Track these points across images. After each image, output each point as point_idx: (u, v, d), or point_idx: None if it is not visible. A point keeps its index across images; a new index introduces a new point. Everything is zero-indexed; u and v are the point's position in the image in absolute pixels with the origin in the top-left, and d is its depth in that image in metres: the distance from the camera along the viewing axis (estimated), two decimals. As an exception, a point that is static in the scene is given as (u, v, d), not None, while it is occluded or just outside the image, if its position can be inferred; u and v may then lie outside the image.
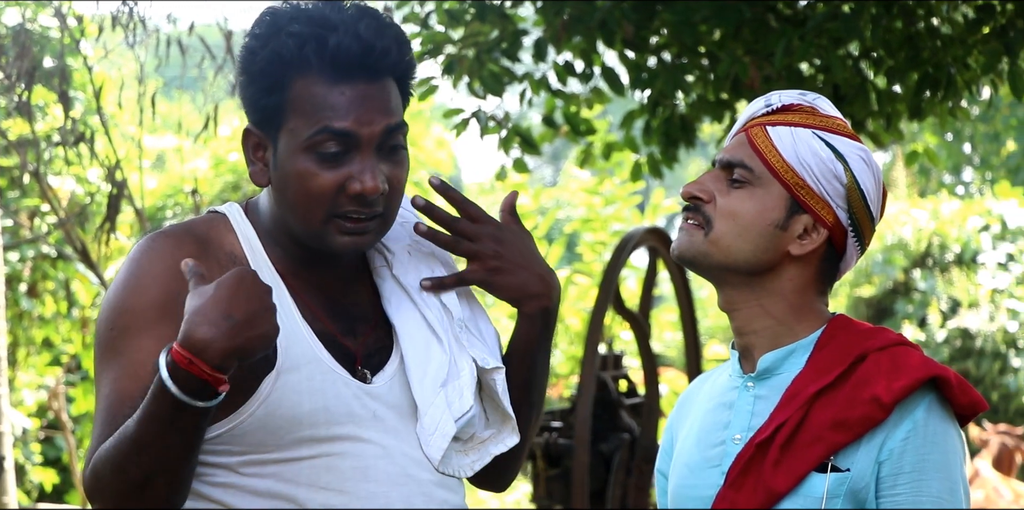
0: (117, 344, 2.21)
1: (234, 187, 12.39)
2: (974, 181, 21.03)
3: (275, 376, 2.21)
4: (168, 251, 2.24)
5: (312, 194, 2.24)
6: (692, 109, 6.22)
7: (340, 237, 2.26)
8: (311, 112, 2.24)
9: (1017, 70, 5.40)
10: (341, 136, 2.23)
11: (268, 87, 2.26)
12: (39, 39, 7.83)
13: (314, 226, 2.26)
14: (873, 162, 2.36)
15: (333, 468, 2.23)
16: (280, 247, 2.33)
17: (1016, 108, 18.72)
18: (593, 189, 12.67)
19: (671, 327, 14.24)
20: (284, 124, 2.26)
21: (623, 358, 7.39)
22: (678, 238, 2.38)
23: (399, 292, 2.39)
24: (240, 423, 2.20)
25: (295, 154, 2.24)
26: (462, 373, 2.35)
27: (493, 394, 2.39)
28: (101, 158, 6.97)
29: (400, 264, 2.41)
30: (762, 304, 2.36)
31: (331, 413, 2.23)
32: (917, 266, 14.53)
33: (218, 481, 2.24)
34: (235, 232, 2.32)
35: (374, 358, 2.33)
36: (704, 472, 2.36)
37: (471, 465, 2.38)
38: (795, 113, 2.38)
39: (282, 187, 2.27)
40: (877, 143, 6.19)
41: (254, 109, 2.30)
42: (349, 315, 2.34)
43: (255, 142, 2.31)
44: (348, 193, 2.24)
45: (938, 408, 2.26)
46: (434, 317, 2.37)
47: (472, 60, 5.91)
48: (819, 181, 2.32)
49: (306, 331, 2.26)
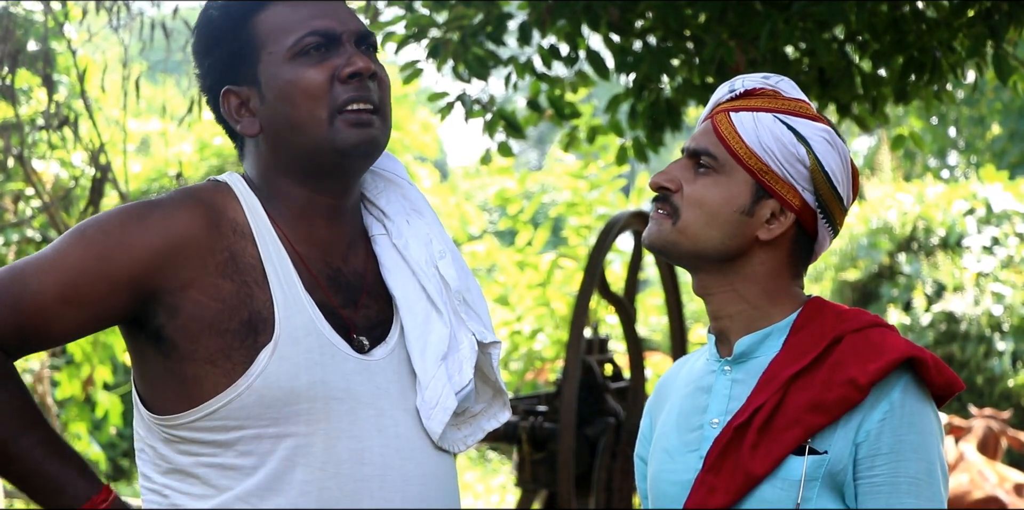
0: (79, 249, 2.21)
1: (219, 171, 12.38)
2: (959, 165, 21.06)
3: (272, 348, 2.21)
4: (171, 211, 2.24)
5: (310, 92, 2.28)
6: (677, 93, 6.21)
7: (349, 131, 2.28)
8: (286, 27, 2.30)
9: (1002, 54, 5.40)
10: (323, 34, 2.29)
11: (232, 33, 2.31)
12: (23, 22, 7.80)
13: (322, 129, 2.28)
14: (838, 143, 2.36)
15: (331, 449, 2.23)
16: (281, 203, 2.33)
17: (1001, 92, 18.74)
18: (578, 173, 12.67)
19: (656, 311, 14.27)
20: (260, 55, 2.31)
21: (608, 342, 7.39)
22: (648, 228, 2.39)
23: (399, 262, 2.40)
24: (238, 395, 2.20)
25: (280, 69, 2.29)
26: (461, 346, 2.37)
27: (487, 368, 2.40)
28: (85, 142, 6.95)
29: (399, 233, 2.42)
30: (736, 289, 2.37)
31: (329, 387, 2.24)
32: (902, 250, 14.55)
33: (215, 462, 2.23)
34: (238, 200, 2.32)
35: (376, 330, 2.33)
36: (683, 456, 2.37)
37: (464, 440, 2.41)
38: (758, 98, 2.39)
39: (278, 108, 2.30)
40: (863, 127, 6.19)
41: (225, 64, 2.34)
42: (349, 285, 2.34)
43: (236, 101, 2.34)
44: (341, 78, 2.28)
45: (914, 389, 2.27)
46: (433, 288, 2.38)
47: (457, 44, 5.90)
48: (782, 165, 2.33)
49: (307, 301, 2.26)
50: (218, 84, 2.35)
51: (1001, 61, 5.39)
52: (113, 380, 9.30)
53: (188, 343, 2.20)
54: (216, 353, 2.19)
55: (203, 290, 2.20)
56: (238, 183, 2.35)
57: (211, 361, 2.20)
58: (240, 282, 2.23)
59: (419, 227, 2.43)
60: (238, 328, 2.20)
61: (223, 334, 2.19)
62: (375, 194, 2.45)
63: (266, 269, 2.25)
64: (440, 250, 2.42)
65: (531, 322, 12.58)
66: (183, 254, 2.20)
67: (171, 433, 2.25)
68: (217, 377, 2.19)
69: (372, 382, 2.28)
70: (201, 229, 2.23)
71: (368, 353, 2.30)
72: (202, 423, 2.21)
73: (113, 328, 2.35)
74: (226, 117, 2.35)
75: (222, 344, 2.19)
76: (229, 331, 2.20)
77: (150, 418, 2.27)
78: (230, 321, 2.20)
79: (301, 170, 2.32)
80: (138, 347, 2.27)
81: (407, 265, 2.39)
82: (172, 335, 2.20)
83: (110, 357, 8.73)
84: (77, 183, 8.71)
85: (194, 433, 2.22)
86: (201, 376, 2.20)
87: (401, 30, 5.99)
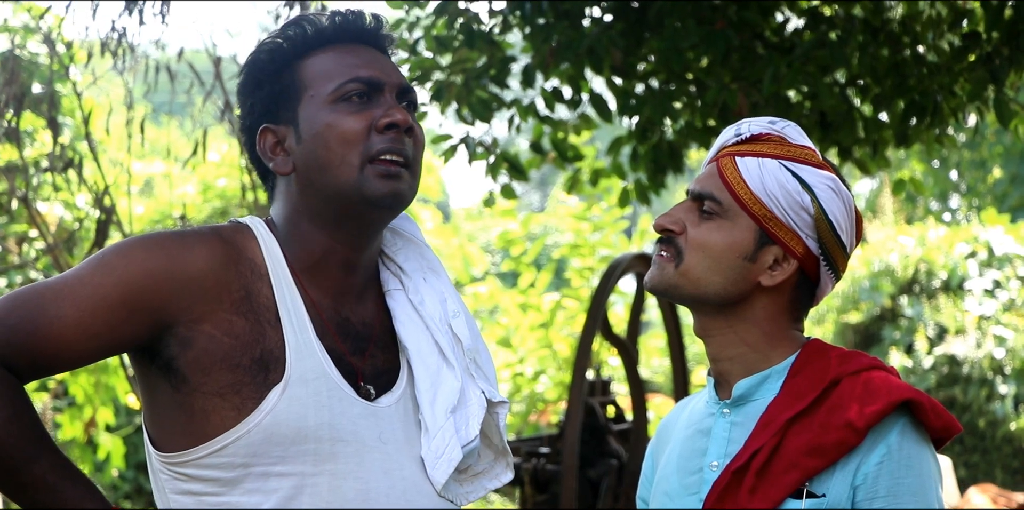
0: (98, 279, 2.21)
1: (222, 213, 12.39)
2: (961, 208, 21.07)
3: (282, 388, 2.22)
4: (191, 245, 2.26)
5: (346, 137, 2.31)
6: (680, 136, 6.24)
7: (378, 182, 2.30)
8: (331, 72, 2.35)
9: (1003, 98, 5.42)
10: (366, 82, 2.34)
11: (277, 74, 2.36)
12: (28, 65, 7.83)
13: (352, 174, 2.30)
14: (842, 190, 2.37)
15: (336, 489, 2.24)
16: (300, 248, 2.35)
17: (1002, 135, 18.78)
18: (581, 215, 12.69)
19: (659, 353, 14.25)
20: (302, 96, 2.35)
21: (611, 384, 7.40)
22: (650, 271, 2.40)
23: (414, 316, 2.42)
24: (247, 432, 2.21)
25: (320, 111, 2.33)
26: (471, 402, 2.38)
27: (492, 431, 2.42)
28: (89, 184, 6.97)
29: (415, 289, 2.44)
30: (736, 332, 2.38)
31: (336, 429, 2.25)
32: (904, 293, 14.54)
33: (220, 501, 2.24)
34: (257, 240, 2.34)
35: (381, 378, 2.35)
36: (683, 499, 2.37)
37: (466, 495, 2.42)
38: (764, 143, 2.39)
39: (313, 149, 2.33)
40: (864, 170, 6.21)
41: (267, 103, 2.37)
42: (358, 334, 2.36)
43: (272, 139, 2.37)
44: (379, 128, 2.31)
45: (912, 431, 2.27)
46: (446, 344, 2.40)
47: (460, 86, 5.93)
48: (787, 212, 2.33)
49: (318, 346, 2.28)
50: (257, 123, 2.39)
51: (1001, 105, 5.41)
52: (115, 422, 9.29)
53: (199, 376, 2.21)
54: (226, 387, 2.21)
55: (217, 325, 2.22)
56: (259, 226, 2.37)
57: (220, 395, 2.21)
58: (254, 321, 2.25)
59: (435, 285, 2.46)
60: (249, 364, 2.22)
61: (234, 369, 2.21)
62: (394, 251, 2.48)
63: (280, 311, 2.27)
64: (455, 310, 2.44)
65: (533, 364, 12.56)
66: (201, 287, 2.22)
67: (177, 471, 2.25)
68: (226, 411, 2.20)
69: (378, 427, 2.29)
70: (220, 265, 2.26)
71: (375, 400, 2.31)
72: (209, 460, 2.22)
73: (116, 370, 2.36)
74: (260, 154, 2.38)
75: (232, 379, 2.21)
76: (240, 366, 2.21)
77: (157, 458, 2.28)
78: (242, 357, 2.22)
79: (326, 215, 2.34)
80: (148, 379, 2.28)
81: (421, 320, 2.41)
82: (183, 367, 2.22)
83: (112, 399, 8.72)
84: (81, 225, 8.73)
85: (200, 470, 2.23)
86: (209, 410, 2.22)
87: (405, 73, 6.02)
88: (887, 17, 5.65)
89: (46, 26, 7.35)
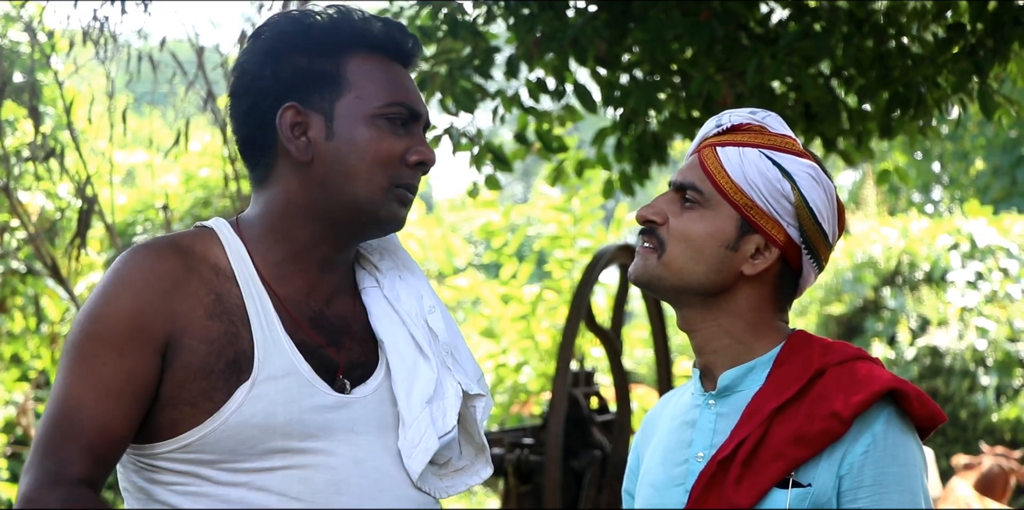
0: (83, 350, 2.21)
1: (204, 203, 12.37)
2: (943, 200, 21.14)
3: (250, 386, 2.21)
4: (148, 264, 2.25)
5: (381, 157, 2.31)
6: (664, 127, 6.24)
7: (394, 206, 2.34)
8: (379, 83, 2.34)
9: (987, 89, 5.43)
10: (410, 110, 2.35)
11: (323, 56, 2.34)
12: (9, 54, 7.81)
13: (377, 194, 2.32)
14: (823, 179, 2.37)
15: (306, 480, 2.24)
16: (275, 250, 2.34)
17: (985, 127, 18.83)
18: (562, 206, 12.69)
19: (642, 344, 14.26)
20: (345, 93, 2.33)
21: (594, 375, 7.39)
22: (634, 263, 2.40)
23: (390, 311, 2.41)
24: (213, 430, 2.20)
25: (363, 120, 2.32)
26: (447, 394, 2.37)
27: (471, 425, 2.41)
28: (71, 173, 6.95)
29: (391, 286, 2.44)
30: (720, 323, 2.38)
31: (306, 425, 2.24)
32: (887, 284, 14.59)
33: (189, 490, 2.23)
34: (222, 244, 2.32)
35: (356, 371, 2.34)
36: (669, 491, 2.37)
37: (446, 489, 2.41)
38: (744, 133, 2.40)
39: (346, 153, 2.32)
40: (848, 161, 6.21)
41: (298, 78, 2.34)
42: (333, 327, 2.35)
43: (294, 120, 2.33)
44: (410, 162, 2.33)
45: (897, 421, 2.27)
46: (422, 337, 2.39)
47: (444, 77, 5.92)
48: (767, 200, 2.34)
49: (287, 343, 2.27)
50: (282, 94, 2.34)
51: (985, 97, 5.42)
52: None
53: (173, 390, 2.22)
54: (199, 395, 2.21)
55: (194, 334, 2.22)
56: (223, 228, 2.36)
57: (192, 403, 2.21)
58: (227, 322, 2.24)
59: (411, 283, 2.46)
60: (223, 368, 2.21)
61: (208, 376, 2.21)
62: (369, 251, 2.48)
63: (248, 309, 2.26)
64: (431, 305, 2.44)
65: (516, 355, 12.57)
66: (170, 302, 2.22)
67: (146, 463, 2.25)
68: (197, 416, 2.20)
69: (351, 419, 2.28)
70: (182, 276, 2.25)
71: (349, 392, 2.31)
72: (176, 454, 2.22)
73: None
74: (279, 130, 2.34)
75: (206, 386, 2.20)
76: (214, 372, 2.21)
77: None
78: (216, 362, 2.21)
79: (323, 214, 2.33)
80: None
81: (397, 315, 2.41)
82: (161, 390, 2.22)
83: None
84: (63, 215, 8.71)
85: (169, 463, 2.23)
86: (178, 419, 2.22)
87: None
88: (871, 8, 5.65)
89: (27, 15, 7.33)
